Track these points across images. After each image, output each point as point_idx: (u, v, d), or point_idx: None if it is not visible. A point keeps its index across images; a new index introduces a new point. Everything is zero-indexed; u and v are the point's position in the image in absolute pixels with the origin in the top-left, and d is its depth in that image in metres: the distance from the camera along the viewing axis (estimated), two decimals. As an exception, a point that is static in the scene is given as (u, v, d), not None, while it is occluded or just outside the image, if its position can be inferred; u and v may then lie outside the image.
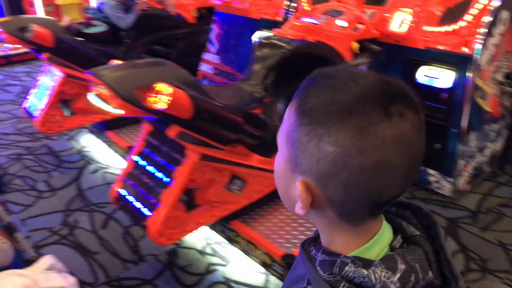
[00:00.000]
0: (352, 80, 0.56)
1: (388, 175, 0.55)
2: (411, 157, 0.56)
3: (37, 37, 2.50)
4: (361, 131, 0.53)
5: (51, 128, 2.80)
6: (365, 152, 0.53)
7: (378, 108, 0.54)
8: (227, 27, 3.53)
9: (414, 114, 0.56)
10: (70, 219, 2.47)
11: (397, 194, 0.58)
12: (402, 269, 0.57)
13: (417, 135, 0.56)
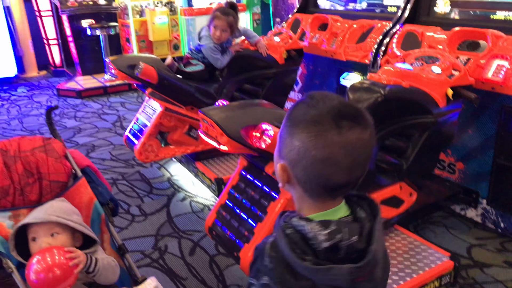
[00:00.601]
0: (322, 101, 0.83)
1: (332, 167, 0.81)
2: (352, 158, 0.81)
3: (144, 74, 2.76)
4: (317, 134, 0.80)
5: (148, 157, 3.03)
6: (317, 148, 0.80)
7: (332, 121, 0.80)
8: (313, 67, 3.65)
9: (362, 130, 0.81)
10: (161, 243, 2.63)
11: (342, 182, 0.83)
12: (332, 228, 0.81)
13: (361, 145, 0.81)
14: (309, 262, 0.80)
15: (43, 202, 1.60)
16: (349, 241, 0.81)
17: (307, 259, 0.81)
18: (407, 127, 2.12)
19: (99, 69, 6.38)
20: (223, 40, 3.01)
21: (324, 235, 0.81)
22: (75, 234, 1.53)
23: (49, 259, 1.38)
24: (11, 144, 1.63)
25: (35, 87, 6.57)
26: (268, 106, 1.81)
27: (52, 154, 1.66)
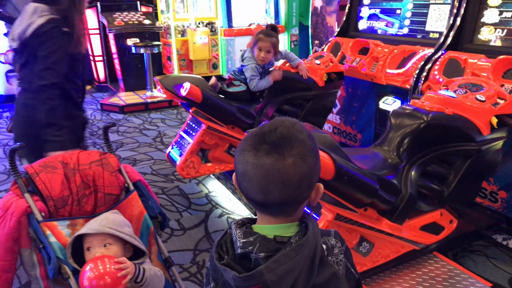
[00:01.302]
0: (263, 125, 0.94)
1: (247, 183, 0.90)
2: (266, 180, 0.88)
3: (189, 93, 2.88)
4: (240, 152, 0.92)
5: (189, 173, 3.13)
6: (238, 163, 0.92)
7: (253, 144, 0.89)
8: (352, 90, 3.69)
9: (279, 157, 0.87)
10: (199, 258, 2.70)
11: (259, 200, 0.91)
12: (249, 240, 0.89)
13: (275, 171, 0.87)
14: (220, 260, 0.92)
15: (98, 213, 1.70)
16: (256, 255, 0.88)
17: (224, 257, 0.92)
18: (449, 154, 2.13)
19: (141, 85, 6.62)
20: (267, 61, 3.11)
21: (240, 243, 0.90)
22: (126, 245, 1.62)
23: (100, 267, 1.46)
24: (71, 157, 1.75)
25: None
26: (311, 129, 1.86)
27: (108, 168, 1.77)
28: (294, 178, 0.89)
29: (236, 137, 3.18)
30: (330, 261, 0.96)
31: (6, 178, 3.91)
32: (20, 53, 2.14)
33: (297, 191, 0.90)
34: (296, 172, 0.88)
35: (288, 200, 0.91)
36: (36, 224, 1.56)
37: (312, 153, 0.92)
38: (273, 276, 0.85)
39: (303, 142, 0.90)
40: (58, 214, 1.66)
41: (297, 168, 0.88)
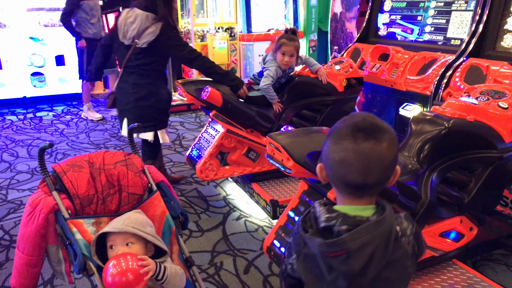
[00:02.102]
0: (350, 117, 1.05)
1: (346, 168, 1.01)
2: (366, 162, 0.99)
3: (210, 97, 2.92)
4: (336, 142, 1.03)
5: (208, 175, 3.17)
6: (335, 152, 1.03)
7: (350, 132, 1.01)
8: (371, 96, 3.69)
9: (376, 142, 0.99)
10: (216, 260, 2.73)
11: (358, 182, 1.01)
12: (332, 215, 1.03)
13: (375, 154, 0.99)
14: (306, 233, 1.07)
15: (121, 212, 1.74)
16: (339, 228, 1.01)
17: (308, 230, 1.07)
18: (470, 160, 2.12)
19: (161, 89, 6.70)
20: (290, 65, 3.13)
21: (324, 218, 1.04)
22: (148, 244, 1.65)
23: (123, 264, 1.50)
24: (97, 157, 1.80)
25: (101, 103, 7.00)
26: (332, 134, 1.88)
27: (132, 168, 1.81)
28: (389, 159, 1.02)
29: (255, 141, 3.21)
30: (403, 242, 1.05)
31: (30, 177, 4.01)
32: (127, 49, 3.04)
33: (390, 171, 1.05)
34: (390, 153, 1.02)
35: (382, 180, 1.05)
36: (63, 221, 1.61)
37: (395, 140, 1.05)
38: (354, 245, 0.97)
39: (389, 129, 1.04)
40: (84, 212, 1.71)
41: (390, 151, 1.02)
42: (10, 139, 5.17)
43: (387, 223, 1.01)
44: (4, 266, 2.66)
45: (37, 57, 6.70)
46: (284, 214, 2.17)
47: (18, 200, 3.54)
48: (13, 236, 2.99)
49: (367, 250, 0.98)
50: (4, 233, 3.04)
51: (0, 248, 2.86)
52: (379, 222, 1.00)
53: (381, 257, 1.00)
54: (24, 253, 1.64)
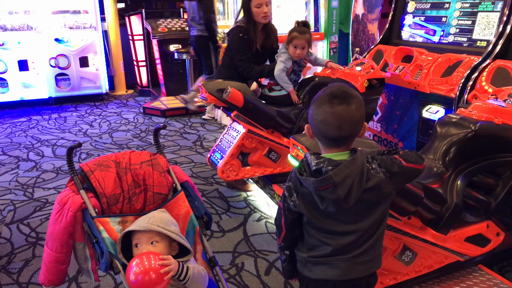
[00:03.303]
0: (328, 88, 1.38)
1: (326, 126, 1.34)
2: (340, 120, 1.32)
3: (231, 98, 2.94)
4: (318, 107, 1.36)
5: (229, 175, 3.19)
6: (317, 115, 1.36)
7: (327, 99, 1.33)
8: (394, 97, 3.65)
9: (347, 105, 1.32)
10: (238, 260, 2.74)
11: (335, 136, 1.35)
12: (320, 160, 1.34)
13: (346, 114, 1.32)
14: (301, 175, 1.38)
15: (146, 211, 1.77)
16: (326, 169, 1.31)
17: (303, 174, 1.38)
18: (497, 164, 2.08)
19: (182, 90, 6.77)
20: (302, 56, 3.28)
21: (314, 163, 1.34)
22: (172, 243, 1.67)
23: (146, 263, 1.52)
24: (123, 157, 1.83)
25: (123, 104, 7.11)
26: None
27: (157, 168, 1.84)
28: (356, 117, 1.34)
29: (276, 141, 3.22)
30: (373, 173, 1.36)
31: (55, 176, 4.10)
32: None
33: (357, 127, 1.36)
34: (357, 113, 1.34)
35: (352, 133, 1.37)
36: (90, 219, 1.64)
37: (362, 103, 1.37)
38: (338, 178, 1.29)
39: (357, 95, 1.36)
40: (110, 211, 1.74)
41: (358, 111, 1.34)
42: (36, 138, 5.29)
43: (359, 160, 1.33)
44: (31, 263, 2.72)
45: (62, 58, 6.84)
46: (306, 215, 2.16)
47: (43, 199, 3.62)
48: (39, 234, 3.06)
49: (348, 180, 1.31)
50: (30, 230, 3.12)
51: (27, 245, 2.93)
52: (354, 160, 1.33)
53: (358, 185, 1.33)
54: (52, 250, 1.67)
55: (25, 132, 5.56)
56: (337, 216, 1.40)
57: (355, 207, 1.37)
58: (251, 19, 3.41)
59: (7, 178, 4.08)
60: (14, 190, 3.80)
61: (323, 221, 1.43)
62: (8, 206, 3.50)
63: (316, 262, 1.48)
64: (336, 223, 1.42)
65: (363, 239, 1.43)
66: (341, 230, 1.42)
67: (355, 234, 1.42)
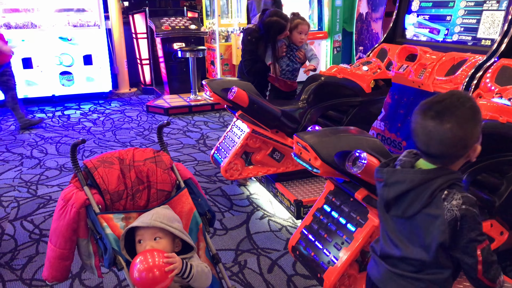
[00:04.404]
0: (437, 95, 1.25)
1: (415, 137, 1.24)
2: (428, 137, 1.19)
3: (237, 97, 2.94)
4: (415, 112, 1.24)
5: (232, 174, 3.19)
6: (412, 121, 1.25)
7: (423, 110, 1.21)
8: (397, 96, 3.64)
9: (439, 121, 1.17)
10: (240, 258, 2.74)
11: (422, 150, 1.25)
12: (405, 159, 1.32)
13: (435, 131, 1.18)
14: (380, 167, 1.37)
15: (150, 208, 1.77)
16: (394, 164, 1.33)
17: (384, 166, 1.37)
18: (502, 163, 2.07)
19: (185, 89, 6.79)
20: (304, 42, 3.65)
21: (401, 156, 1.33)
22: (176, 239, 1.68)
23: (150, 260, 1.52)
24: (127, 154, 1.83)
25: (126, 102, 7.12)
26: (361, 134, 1.87)
27: (161, 165, 1.84)
28: (449, 140, 1.18)
29: (280, 142, 3.21)
30: (444, 205, 1.20)
31: (59, 174, 4.11)
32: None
33: (452, 149, 1.20)
34: (451, 135, 1.17)
35: (444, 154, 1.22)
36: (94, 215, 1.65)
37: (470, 122, 1.19)
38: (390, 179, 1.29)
39: (463, 113, 1.17)
40: (114, 208, 1.75)
41: (453, 132, 1.17)
42: (40, 136, 5.31)
43: (425, 178, 1.22)
44: (34, 259, 2.73)
45: (66, 56, 6.85)
46: (309, 214, 2.16)
47: (47, 196, 3.64)
48: (43, 230, 3.07)
49: (399, 187, 1.25)
50: (34, 227, 3.13)
51: (31, 242, 2.94)
52: (418, 173, 1.24)
53: (413, 199, 1.24)
54: (56, 246, 1.68)
55: (28, 129, 5.58)
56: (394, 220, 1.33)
57: (403, 219, 1.29)
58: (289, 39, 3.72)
59: (11, 175, 4.09)
60: (17, 187, 3.81)
61: (385, 216, 1.37)
62: (12, 203, 3.51)
63: (372, 253, 1.46)
64: (390, 227, 1.35)
65: (407, 262, 1.32)
66: (392, 237, 1.35)
67: (400, 250, 1.32)
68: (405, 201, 1.26)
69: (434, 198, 1.22)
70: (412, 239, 1.29)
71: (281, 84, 3.73)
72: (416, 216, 1.26)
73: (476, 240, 1.21)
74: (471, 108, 1.20)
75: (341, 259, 1.87)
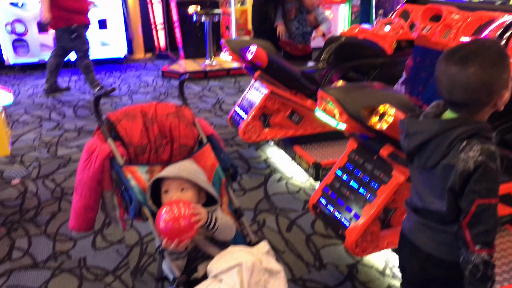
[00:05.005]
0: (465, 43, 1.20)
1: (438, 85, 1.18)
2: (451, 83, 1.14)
3: (256, 57, 2.89)
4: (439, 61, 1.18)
5: (250, 137, 3.18)
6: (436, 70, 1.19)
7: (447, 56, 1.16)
8: (420, 59, 3.54)
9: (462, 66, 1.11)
10: (259, 217, 2.76)
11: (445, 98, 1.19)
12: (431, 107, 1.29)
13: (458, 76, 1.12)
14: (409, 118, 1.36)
15: (172, 163, 1.77)
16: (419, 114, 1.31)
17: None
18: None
19: (200, 54, 6.71)
20: (315, 6, 3.66)
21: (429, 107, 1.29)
22: (200, 192, 1.68)
23: (176, 211, 1.52)
24: (149, 108, 1.82)
25: (141, 67, 7.09)
26: (388, 89, 1.82)
27: (183, 120, 1.83)
28: (473, 85, 1.11)
29: (299, 103, 3.18)
30: (460, 156, 1.15)
31: (77, 135, 4.14)
32: None
33: (476, 96, 1.14)
34: (475, 79, 1.11)
35: (468, 101, 1.15)
36: (118, 167, 1.65)
37: (496, 67, 1.11)
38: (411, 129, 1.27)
39: (488, 56, 1.11)
40: (137, 161, 1.75)
41: (477, 76, 1.10)
42: (57, 99, 5.34)
43: (444, 127, 1.18)
44: (58, 216, 2.79)
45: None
46: (331, 173, 2.15)
47: (67, 156, 3.68)
48: (64, 189, 3.12)
49: (419, 137, 1.23)
50: (55, 185, 3.18)
51: (53, 199, 2.99)
52: (437, 122, 1.22)
53: (433, 150, 1.21)
54: (81, 197, 1.70)
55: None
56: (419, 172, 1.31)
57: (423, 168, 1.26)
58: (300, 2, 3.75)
59: (31, 136, 4.14)
60: (38, 148, 3.86)
61: (412, 168, 1.35)
62: (34, 162, 3.56)
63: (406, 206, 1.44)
64: (416, 179, 1.34)
65: (430, 214, 1.30)
66: (418, 189, 1.34)
67: (423, 202, 1.31)
68: (426, 152, 1.23)
69: (452, 148, 1.17)
70: (433, 191, 1.27)
71: (292, 48, 3.67)
72: (436, 167, 1.21)
73: (478, 193, 1.15)
74: (498, 52, 1.13)
75: (363, 216, 1.86)
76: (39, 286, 2.19)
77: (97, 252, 2.44)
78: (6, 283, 2.21)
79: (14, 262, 2.36)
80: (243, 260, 1.47)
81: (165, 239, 1.50)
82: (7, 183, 3.22)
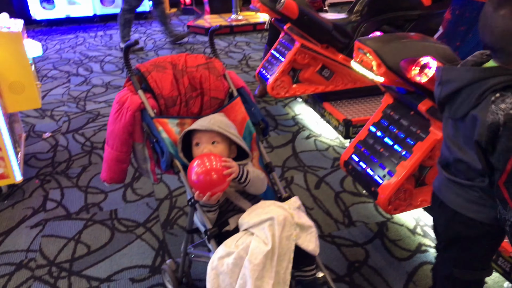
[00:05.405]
0: None
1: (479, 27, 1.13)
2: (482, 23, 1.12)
3: (286, 8, 2.77)
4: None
5: (279, 92, 3.11)
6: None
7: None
8: (459, 12, 3.35)
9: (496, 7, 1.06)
10: (287, 174, 2.74)
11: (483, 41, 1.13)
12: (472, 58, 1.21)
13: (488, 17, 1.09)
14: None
15: (203, 116, 1.74)
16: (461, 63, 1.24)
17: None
18: None
19: (226, 9, 6.55)
20: None
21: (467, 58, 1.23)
22: (231, 146, 1.65)
23: (207, 163, 1.50)
24: (179, 59, 1.77)
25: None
26: (429, 40, 1.72)
27: (214, 72, 1.77)
28: (498, 28, 1.07)
29: (330, 57, 3.07)
30: (490, 108, 1.07)
31: (105, 91, 4.16)
32: None
33: (502, 42, 1.08)
34: (502, 23, 1.06)
35: (497, 46, 1.10)
36: (149, 119, 1.63)
37: None
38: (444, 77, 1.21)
39: None
40: (168, 113, 1.72)
41: (504, 20, 1.05)
42: (84, 54, 5.34)
43: (477, 76, 1.11)
44: (88, 169, 2.84)
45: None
46: (364, 129, 2.08)
47: (95, 111, 3.70)
48: (94, 143, 3.16)
49: (451, 85, 1.17)
50: (85, 139, 3.22)
51: (83, 153, 3.04)
52: (471, 71, 1.15)
53: (463, 99, 1.14)
54: (113, 148, 1.69)
55: (73, 48, 5.61)
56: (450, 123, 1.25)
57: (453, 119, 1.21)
58: None
59: (60, 91, 4.18)
60: (67, 103, 3.89)
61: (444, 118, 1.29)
62: (63, 117, 3.60)
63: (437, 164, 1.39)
64: (447, 130, 1.28)
65: (457, 167, 1.25)
66: (447, 140, 1.28)
67: (451, 153, 1.26)
68: (456, 101, 1.16)
69: (483, 99, 1.09)
70: (466, 142, 1.20)
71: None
72: (465, 118, 1.15)
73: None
74: None
75: (398, 173, 1.81)
76: (72, 236, 2.25)
77: (127, 204, 2.48)
78: (41, 232, 2.29)
79: (49, 213, 2.43)
80: (274, 214, 1.45)
81: (197, 192, 1.49)
82: (38, 136, 3.28)
